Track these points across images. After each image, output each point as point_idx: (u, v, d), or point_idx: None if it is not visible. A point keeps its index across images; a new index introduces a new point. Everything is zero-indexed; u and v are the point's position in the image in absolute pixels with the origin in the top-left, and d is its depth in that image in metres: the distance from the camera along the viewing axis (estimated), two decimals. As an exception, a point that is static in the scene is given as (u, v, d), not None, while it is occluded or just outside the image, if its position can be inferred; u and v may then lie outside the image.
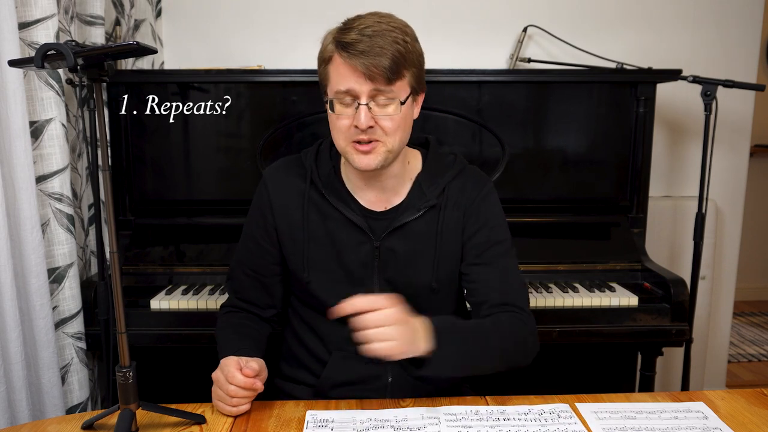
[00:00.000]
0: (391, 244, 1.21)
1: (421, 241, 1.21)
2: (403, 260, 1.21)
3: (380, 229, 1.21)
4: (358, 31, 1.07)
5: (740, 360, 3.25)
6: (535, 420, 1.02)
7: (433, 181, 1.23)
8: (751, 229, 3.92)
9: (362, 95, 1.09)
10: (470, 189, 1.24)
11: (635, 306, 1.76)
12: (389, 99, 1.10)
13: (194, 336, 1.71)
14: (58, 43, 0.88)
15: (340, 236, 1.21)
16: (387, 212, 1.22)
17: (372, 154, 1.12)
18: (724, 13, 2.36)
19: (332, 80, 1.12)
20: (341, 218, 1.21)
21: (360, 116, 1.09)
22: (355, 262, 1.21)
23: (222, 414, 1.07)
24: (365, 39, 1.06)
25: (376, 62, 1.06)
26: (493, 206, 1.25)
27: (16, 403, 1.46)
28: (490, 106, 1.95)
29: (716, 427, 1.00)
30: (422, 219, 1.21)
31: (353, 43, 1.06)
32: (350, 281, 1.22)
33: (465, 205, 1.23)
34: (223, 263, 1.87)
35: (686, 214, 2.32)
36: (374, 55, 1.06)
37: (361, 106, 1.09)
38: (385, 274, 1.22)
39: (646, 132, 1.98)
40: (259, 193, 1.28)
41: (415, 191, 1.22)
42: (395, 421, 1.02)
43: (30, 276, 1.50)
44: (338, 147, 1.17)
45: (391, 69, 1.07)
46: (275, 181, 1.26)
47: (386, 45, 1.06)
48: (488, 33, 2.34)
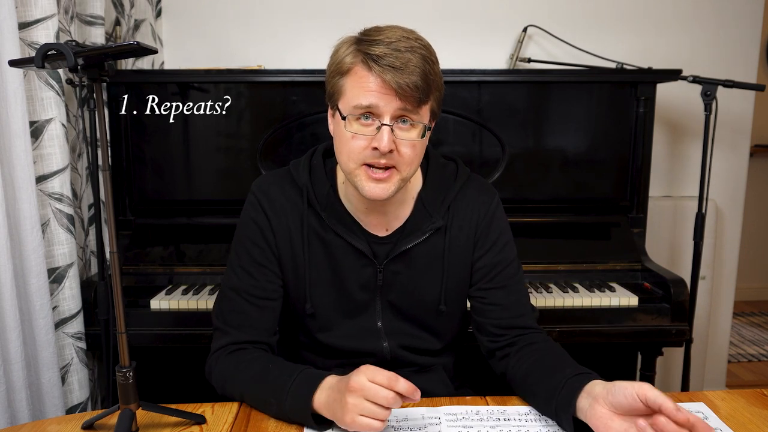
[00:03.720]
0: (396, 267, 1.15)
1: (427, 263, 1.15)
2: (408, 283, 1.16)
3: (383, 253, 1.14)
4: (386, 45, 0.97)
5: (740, 360, 3.25)
6: (535, 420, 1.02)
7: (436, 199, 1.15)
8: (751, 229, 3.92)
9: (386, 114, 0.99)
10: (477, 206, 1.17)
11: (635, 306, 1.76)
12: (414, 123, 1.01)
13: (194, 336, 1.71)
14: (58, 43, 0.88)
15: (341, 262, 1.14)
16: (390, 236, 1.15)
17: (386, 183, 1.03)
18: (724, 13, 2.36)
19: (349, 94, 1.01)
20: (343, 244, 1.14)
21: (382, 138, 0.98)
22: (358, 286, 1.15)
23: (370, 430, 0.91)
24: (397, 54, 0.96)
25: (410, 81, 0.96)
26: (501, 222, 1.19)
27: (16, 403, 1.46)
28: (490, 106, 1.95)
29: (717, 427, 1.00)
30: (428, 241, 1.15)
31: (383, 56, 0.96)
32: (353, 307, 1.17)
33: (474, 226, 1.16)
34: (222, 263, 1.85)
35: (686, 214, 2.32)
36: (408, 73, 0.96)
37: (384, 126, 0.99)
38: (388, 296, 1.17)
39: (646, 132, 1.98)
40: (253, 210, 1.15)
41: (418, 212, 1.15)
42: (395, 421, 1.01)
43: (30, 276, 1.50)
44: (345, 168, 1.06)
45: (423, 89, 0.98)
46: (270, 198, 1.15)
47: (418, 63, 0.97)
48: (488, 33, 2.34)
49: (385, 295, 1.17)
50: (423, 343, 1.20)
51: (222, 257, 1.89)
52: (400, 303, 1.17)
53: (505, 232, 1.18)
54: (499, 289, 1.16)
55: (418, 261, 1.15)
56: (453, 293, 1.17)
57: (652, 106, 1.97)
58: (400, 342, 1.18)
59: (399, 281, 1.16)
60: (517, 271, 1.18)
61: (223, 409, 1.09)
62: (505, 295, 1.15)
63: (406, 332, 1.19)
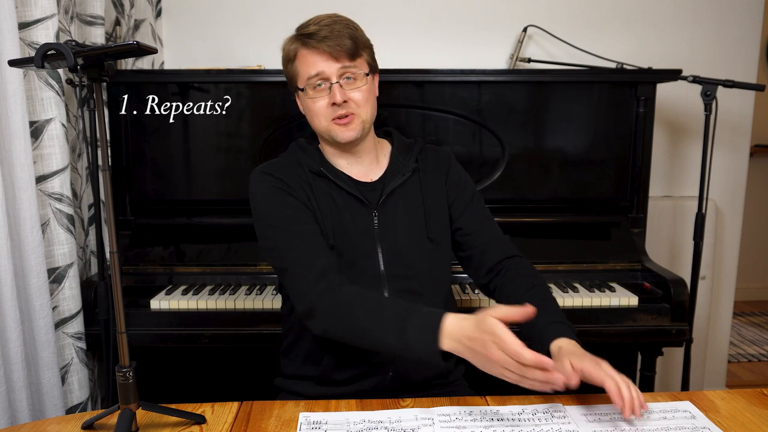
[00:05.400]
0: (387, 210, 1.30)
1: (411, 202, 1.32)
2: (400, 224, 1.30)
3: (374, 197, 1.30)
4: (315, 24, 1.22)
5: (740, 360, 3.25)
6: (528, 420, 1.02)
7: (406, 154, 1.37)
8: (751, 229, 3.93)
9: (332, 75, 1.22)
10: (440, 157, 1.39)
11: (635, 306, 1.76)
12: (355, 74, 1.24)
13: (194, 336, 1.71)
14: (58, 43, 0.88)
15: (344, 209, 1.28)
16: (375, 183, 1.32)
17: (351, 125, 1.25)
18: (724, 13, 2.36)
19: (301, 71, 1.25)
20: (341, 193, 1.28)
21: (335, 93, 1.22)
22: (360, 233, 1.28)
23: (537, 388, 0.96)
24: (324, 28, 1.21)
25: (339, 42, 1.21)
26: (464, 173, 1.41)
27: (16, 403, 1.46)
28: (490, 106, 1.95)
29: (704, 426, 1.00)
30: (408, 183, 1.33)
31: (315, 33, 1.21)
32: (359, 254, 1.27)
33: (442, 175, 1.36)
34: (222, 263, 1.88)
35: (686, 214, 2.32)
36: (336, 37, 1.21)
37: (334, 84, 1.23)
38: (386, 240, 1.29)
39: (646, 132, 1.98)
40: (263, 184, 1.26)
41: (393, 163, 1.36)
42: (389, 422, 1.01)
43: (30, 276, 1.51)
44: (319, 128, 1.28)
45: (352, 47, 1.22)
46: (274, 170, 1.28)
47: (343, 30, 1.22)
48: (488, 33, 2.34)
49: (384, 240, 1.28)
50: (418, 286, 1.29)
51: (222, 257, 1.89)
52: (396, 244, 1.29)
53: (466, 176, 1.41)
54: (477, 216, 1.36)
55: (404, 201, 1.32)
56: (436, 225, 1.33)
57: (652, 106, 1.97)
58: (399, 286, 1.28)
59: (392, 223, 1.29)
60: (486, 208, 1.40)
61: (223, 409, 1.09)
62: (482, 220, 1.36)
63: (403, 275, 1.28)
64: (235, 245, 1.92)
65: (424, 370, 1.28)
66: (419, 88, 1.94)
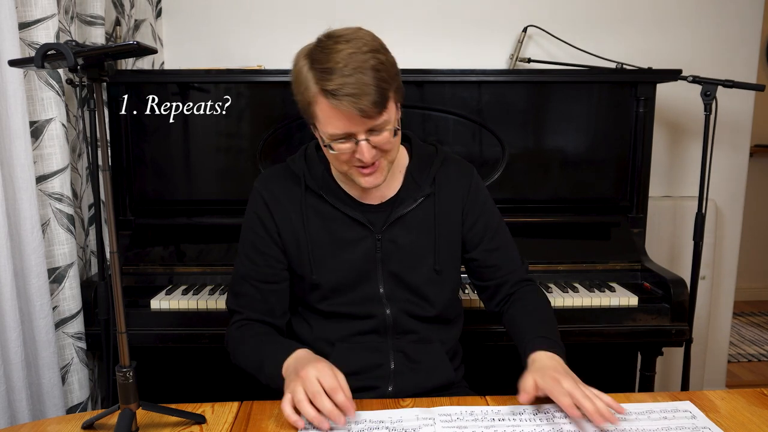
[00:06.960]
0: (392, 235, 1.24)
1: (420, 229, 1.26)
2: (405, 251, 1.25)
3: (379, 221, 1.24)
4: (338, 74, 1.04)
5: (740, 360, 3.25)
6: (529, 420, 1.02)
7: (423, 171, 1.28)
8: (751, 229, 3.92)
9: (359, 133, 1.09)
10: (460, 177, 1.30)
11: (635, 306, 1.76)
12: (383, 127, 1.10)
13: (194, 336, 1.71)
14: (58, 43, 0.88)
15: (342, 234, 1.24)
16: (383, 205, 1.26)
17: (377, 173, 1.16)
18: (724, 12, 2.36)
19: (322, 122, 1.11)
20: (340, 216, 1.24)
21: (363, 152, 1.10)
22: (359, 257, 1.24)
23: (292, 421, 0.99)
24: (349, 80, 1.03)
25: (366, 102, 1.04)
26: (484, 191, 1.33)
27: (16, 403, 1.46)
28: (490, 106, 1.95)
29: (705, 426, 1.00)
30: (419, 208, 1.26)
31: (339, 88, 1.04)
32: (356, 276, 1.24)
33: (459, 199, 1.28)
34: (222, 263, 1.87)
35: (686, 214, 2.32)
36: (362, 95, 1.04)
37: (361, 142, 1.10)
38: (388, 266, 1.25)
39: (646, 132, 1.98)
40: (255, 203, 1.27)
41: (408, 183, 1.27)
42: (390, 422, 1.01)
43: (30, 276, 1.51)
44: (340, 170, 1.19)
45: (380, 102, 1.06)
46: (269, 189, 1.26)
47: (369, 80, 1.04)
48: (488, 33, 2.34)
49: (386, 264, 1.24)
50: (421, 310, 1.27)
51: (222, 257, 1.89)
52: (400, 270, 1.25)
53: (488, 198, 1.33)
54: (495, 250, 1.30)
55: (413, 226, 1.25)
56: (445, 255, 1.27)
57: (652, 106, 1.97)
58: (401, 308, 1.26)
59: (397, 249, 1.24)
60: (505, 231, 1.33)
61: (223, 409, 1.09)
62: (500, 255, 1.31)
63: (406, 298, 1.26)
64: (235, 245, 1.91)
65: (425, 384, 1.26)
66: (419, 88, 1.94)
